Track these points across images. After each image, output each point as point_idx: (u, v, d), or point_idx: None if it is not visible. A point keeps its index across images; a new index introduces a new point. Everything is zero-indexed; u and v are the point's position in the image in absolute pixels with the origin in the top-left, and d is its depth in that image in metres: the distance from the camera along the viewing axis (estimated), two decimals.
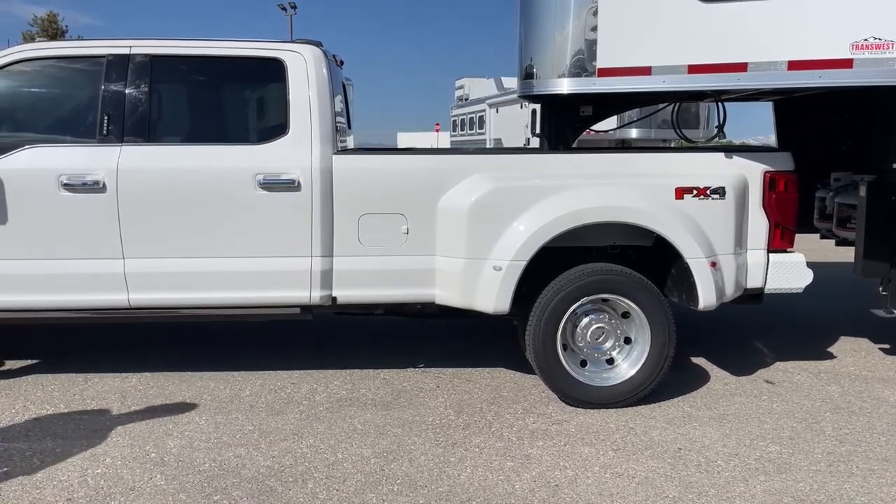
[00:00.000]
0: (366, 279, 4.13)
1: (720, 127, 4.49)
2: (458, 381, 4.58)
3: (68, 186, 3.94)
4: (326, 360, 4.88)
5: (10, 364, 4.78)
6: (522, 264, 3.97)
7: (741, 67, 3.89)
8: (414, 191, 4.08)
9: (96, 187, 3.94)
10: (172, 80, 4.20)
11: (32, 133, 4.11)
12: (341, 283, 4.13)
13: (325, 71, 4.20)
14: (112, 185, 3.95)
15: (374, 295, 4.18)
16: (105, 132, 4.00)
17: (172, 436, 3.72)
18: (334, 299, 4.17)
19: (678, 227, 4.02)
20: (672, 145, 12.47)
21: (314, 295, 4.12)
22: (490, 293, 3.99)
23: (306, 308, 4.19)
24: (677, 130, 5.15)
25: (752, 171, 4.22)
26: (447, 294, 4.13)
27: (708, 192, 4.06)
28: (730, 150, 4.32)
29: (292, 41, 4.28)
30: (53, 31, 30.21)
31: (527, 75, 4.69)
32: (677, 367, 4.20)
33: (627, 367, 4.19)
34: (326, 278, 4.11)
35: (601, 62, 4.15)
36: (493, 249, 3.99)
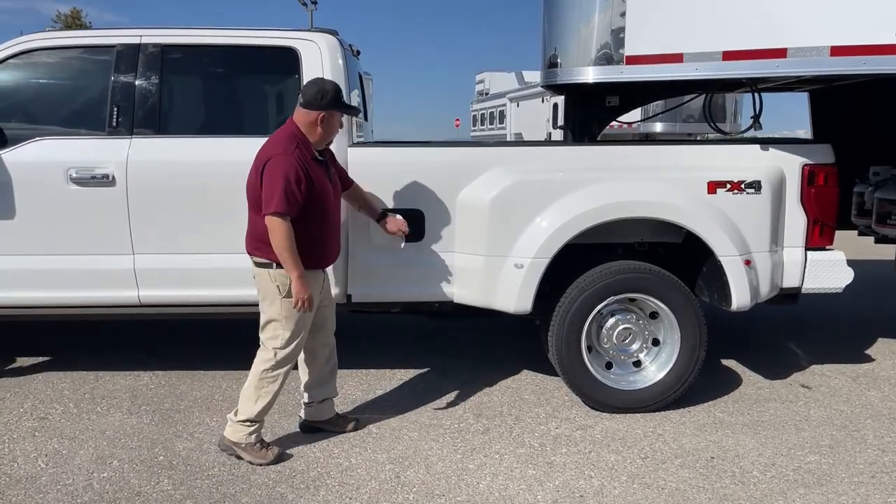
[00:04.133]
0: (381, 277, 3.97)
1: (756, 117, 4.26)
2: (477, 382, 4.41)
3: (77, 180, 3.82)
4: (341, 360, 4.71)
5: (21, 361, 4.71)
6: (545, 262, 3.78)
7: (780, 53, 3.66)
8: (432, 185, 3.90)
9: (105, 181, 3.83)
10: (184, 70, 4.07)
11: (40, 125, 4.00)
12: (356, 280, 3.98)
13: (340, 60, 4.04)
14: (122, 179, 3.84)
15: (389, 293, 4.02)
16: (115, 124, 3.88)
17: (182, 438, 3.60)
18: (349, 297, 4.02)
19: (710, 222, 3.81)
20: (698, 139, 12.17)
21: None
22: (511, 292, 3.81)
23: None
24: (710, 122, 4.91)
25: (790, 165, 3.99)
26: (466, 293, 3.96)
27: (742, 186, 3.84)
28: (766, 141, 4.09)
29: (307, 30, 4.12)
30: (77, 28, 30.51)
31: (551, 64, 4.50)
32: (706, 370, 4.00)
33: (655, 369, 3.99)
34: (341, 276, 3.96)
35: (629, 49, 3.94)
36: (515, 246, 3.81)
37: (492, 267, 3.84)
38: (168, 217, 3.89)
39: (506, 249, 3.82)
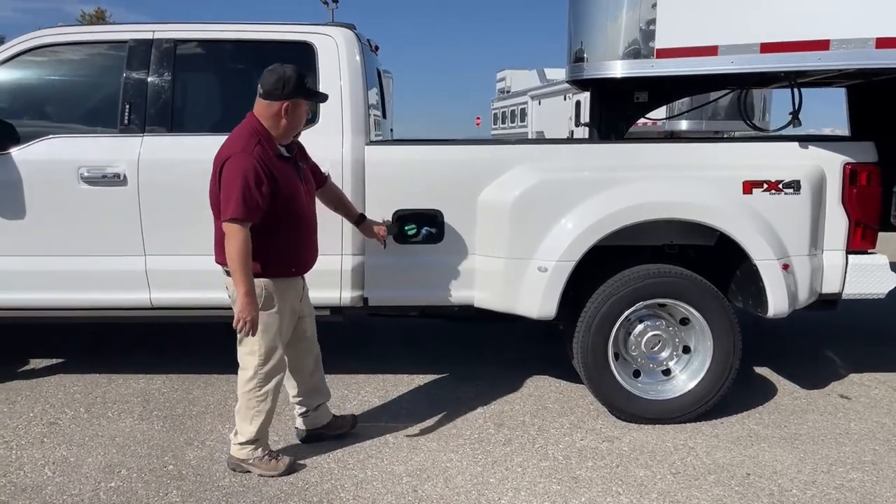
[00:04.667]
0: (399, 280, 3.82)
1: (795, 114, 4.04)
2: (499, 389, 4.25)
3: (88, 179, 3.72)
4: (358, 364, 4.60)
5: (35, 363, 4.64)
6: (570, 265, 3.61)
7: (822, 45, 3.44)
8: (451, 184, 3.75)
9: (116, 180, 3.72)
10: (197, 66, 3.96)
11: (52, 123, 3.91)
12: (373, 283, 3.83)
13: (357, 56, 3.90)
14: (133, 178, 3.73)
15: (407, 297, 3.87)
16: (126, 122, 3.77)
17: (193, 446, 3.48)
18: (365, 300, 3.88)
19: (746, 224, 3.61)
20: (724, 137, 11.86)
21: (345, 296, 3.83)
22: (534, 297, 3.64)
23: (336, 310, 3.90)
24: (746, 119, 4.69)
25: (831, 163, 3.77)
26: (487, 297, 3.80)
27: (780, 185, 3.64)
28: (805, 139, 3.87)
29: (323, 24, 3.98)
30: None
31: (576, 59, 4.31)
32: (739, 378, 3.79)
33: (686, 378, 3.80)
34: (357, 278, 3.82)
35: (660, 42, 3.75)
36: (538, 248, 3.64)
37: (514, 270, 3.68)
38: (180, 217, 3.77)
39: (529, 252, 3.65)
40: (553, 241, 3.63)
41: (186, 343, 5.06)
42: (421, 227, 3.75)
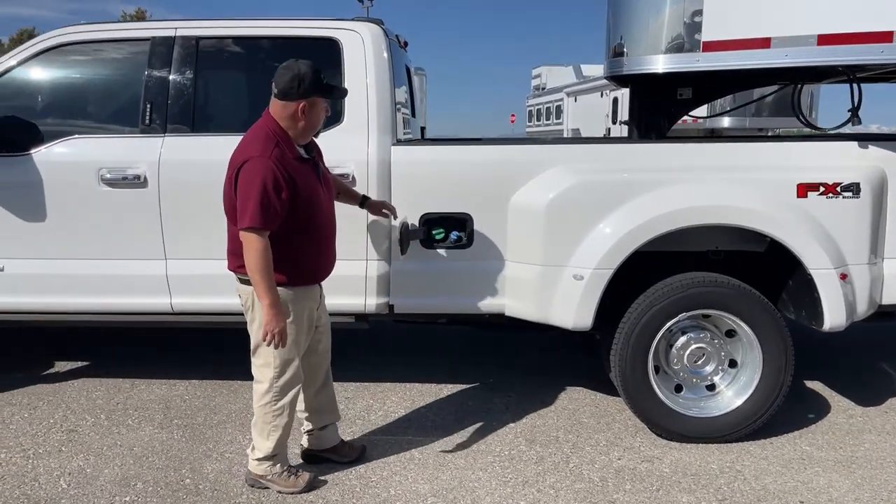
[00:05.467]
0: (425, 286, 3.64)
1: (854, 111, 3.75)
2: (531, 401, 4.05)
3: (108, 181, 3.63)
4: (385, 372, 4.44)
5: (60, 366, 4.58)
6: (608, 273, 3.39)
7: (885, 37, 3.16)
8: (482, 186, 3.56)
9: (137, 182, 3.62)
10: (219, 64, 3.83)
11: (73, 123, 3.81)
12: (399, 290, 3.67)
13: (385, 53, 3.73)
14: (153, 180, 3.62)
15: (434, 304, 3.69)
16: (147, 122, 3.67)
17: (212, 458, 3.36)
18: (391, 307, 3.71)
19: (800, 230, 3.35)
20: (769, 135, 11.41)
21: (369, 303, 3.67)
22: (569, 306, 3.43)
23: (361, 316, 3.75)
24: (800, 117, 4.39)
25: (893, 164, 3.48)
26: (519, 305, 3.60)
27: (838, 188, 3.36)
28: (865, 138, 3.58)
29: (350, 19, 3.83)
30: None
31: (615, 54, 4.07)
32: (789, 394, 3.52)
33: (732, 395, 3.55)
34: (383, 285, 3.66)
35: (707, 34, 3.50)
36: (574, 255, 3.43)
37: (548, 278, 3.47)
38: (202, 221, 3.65)
39: (564, 258, 3.44)
40: (590, 247, 3.41)
41: (213, 347, 4.96)
42: (449, 231, 3.57)
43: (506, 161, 3.63)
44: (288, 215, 2.77)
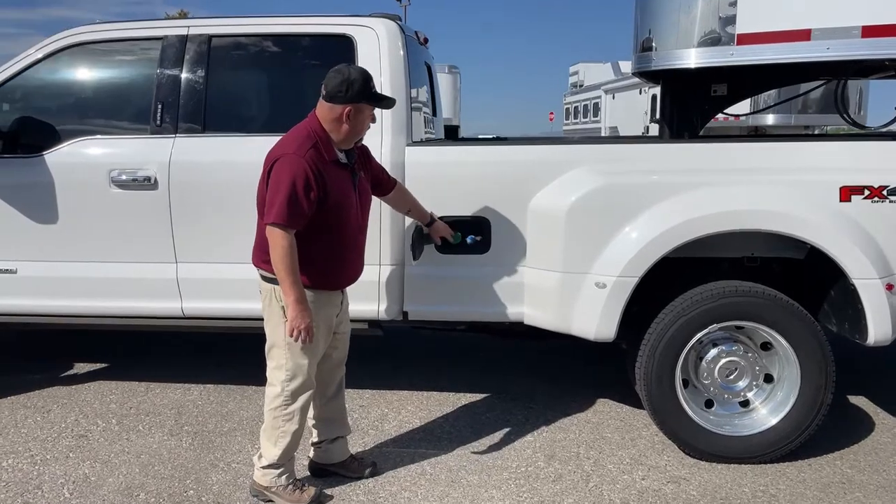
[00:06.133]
0: (441, 293, 3.50)
1: None
2: (553, 413, 3.86)
3: (119, 182, 3.57)
4: (402, 380, 4.31)
5: (79, 367, 4.56)
6: (633, 281, 3.19)
7: None
8: (500, 189, 3.39)
9: (147, 184, 3.55)
10: (231, 63, 3.73)
11: (85, 123, 3.76)
12: (413, 296, 3.53)
13: (400, 50, 3.59)
14: (164, 181, 3.55)
15: (450, 311, 3.54)
16: (158, 122, 3.60)
17: (218, 468, 3.27)
18: (405, 314, 3.57)
19: (842, 237, 3.10)
20: (816, 134, 10.95)
21: (383, 309, 3.54)
22: (591, 316, 3.25)
23: (374, 323, 3.62)
24: (844, 115, 4.11)
25: None
26: (538, 314, 3.43)
27: (885, 192, 3.11)
28: None
29: (365, 15, 3.69)
30: None
31: (644, 48, 3.86)
32: (831, 411, 3.28)
33: (767, 412, 3.32)
34: (396, 291, 3.52)
35: (742, 26, 3.27)
36: (597, 261, 3.24)
37: (569, 285, 3.29)
38: (213, 223, 3.58)
39: (586, 265, 3.25)
40: (613, 253, 3.22)
41: (232, 349, 4.88)
42: (466, 235, 3.41)
43: (525, 162, 3.46)
44: (315, 217, 2.71)
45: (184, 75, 3.60)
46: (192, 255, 3.62)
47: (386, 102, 2.91)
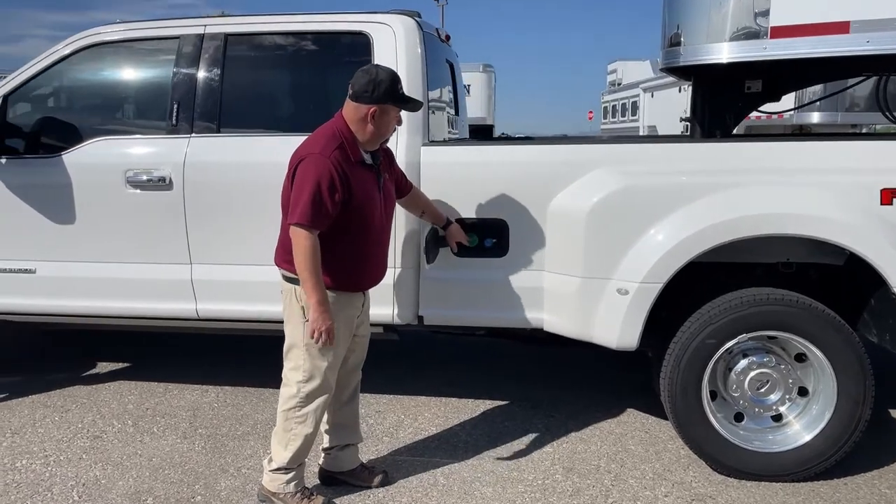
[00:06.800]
0: (457, 297, 3.39)
1: None
2: (574, 422, 3.73)
3: (134, 182, 3.55)
4: (421, 385, 4.21)
5: (101, 366, 4.59)
6: (658, 287, 3.04)
7: None
8: (518, 190, 3.27)
9: (161, 184, 3.52)
10: (246, 61, 3.67)
11: (102, 123, 3.76)
12: (429, 300, 3.42)
13: (418, 47, 3.49)
14: (178, 181, 3.51)
15: (466, 316, 3.43)
16: (174, 122, 3.56)
17: (228, 473, 3.21)
18: (420, 318, 3.48)
19: (883, 242, 2.90)
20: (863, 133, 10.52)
21: (397, 313, 3.45)
22: (613, 323, 3.11)
23: (390, 327, 3.53)
24: (886, 112, 3.88)
25: None
26: (558, 320, 3.29)
27: None
28: None
29: (383, 11, 3.61)
30: None
31: (672, 43, 3.69)
32: (869, 427, 3.07)
33: (801, 428, 3.13)
34: (411, 294, 3.43)
35: (776, 18, 3.10)
36: (619, 266, 3.10)
37: (589, 291, 3.15)
38: (228, 224, 3.53)
39: (607, 270, 3.11)
40: (637, 258, 3.07)
41: (250, 351, 4.85)
42: (483, 237, 3.30)
43: (545, 162, 3.33)
44: (339, 217, 2.66)
45: (199, 74, 3.56)
46: (207, 256, 3.59)
47: (412, 105, 2.85)
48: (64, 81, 3.80)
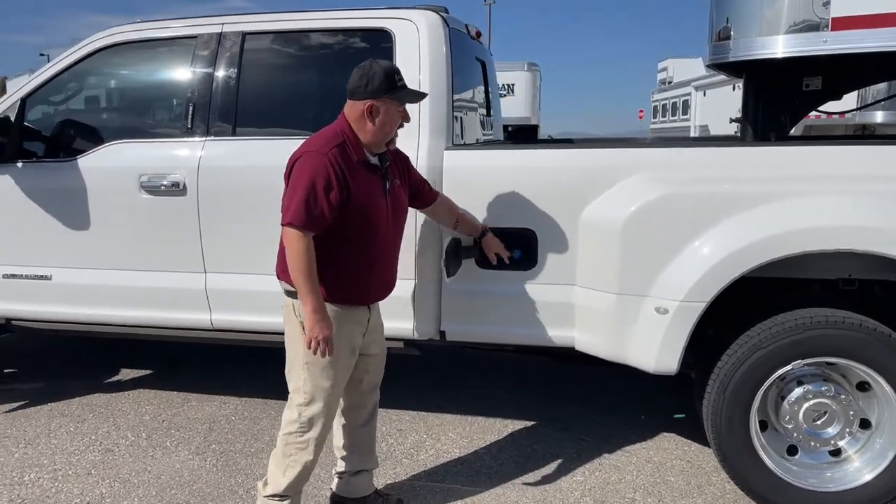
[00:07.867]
0: (481, 312, 3.16)
1: None
2: (609, 448, 3.46)
3: (148, 188, 3.42)
4: (446, 402, 3.99)
5: (124, 373, 4.51)
6: (700, 307, 2.75)
7: None
8: (548, 198, 3.02)
9: (175, 189, 3.39)
10: (265, 61, 3.51)
11: (118, 126, 3.66)
12: (451, 315, 3.20)
13: (443, 45, 3.27)
14: (192, 187, 3.38)
15: (491, 332, 3.20)
16: (189, 125, 3.43)
17: (236, 495, 3.06)
18: (443, 334, 3.26)
19: None
20: None
21: (417, 328, 3.24)
22: (650, 346, 2.83)
23: (410, 342, 3.32)
24: None
25: None
26: (590, 339, 3.03)
27: None
28: None
29: (407, 7, 3.40)
30: None
31: (721, 38, 3.39)
32: None
33: (862, 465, 2.81)
34: (433, 308, 3.21)
35: (837, 8, 2.78)
36: (657, 282, 2.82)
37: (624, 309, 2.88)
38: (243, 232, 3.38)
39: (644, 287, 2.84)
40: (677, 273, 2.79)
41: (272, 360, 4.69)
42: (509, 249, 3.06)
43: (577, 168, 3.07)
44: (337, 222, 2.46)
45: (215, 75, 3.42)
46: (221, 265, 3.44)
47: (410, 97, 2.60)
48: (81, 83, 3.71)
